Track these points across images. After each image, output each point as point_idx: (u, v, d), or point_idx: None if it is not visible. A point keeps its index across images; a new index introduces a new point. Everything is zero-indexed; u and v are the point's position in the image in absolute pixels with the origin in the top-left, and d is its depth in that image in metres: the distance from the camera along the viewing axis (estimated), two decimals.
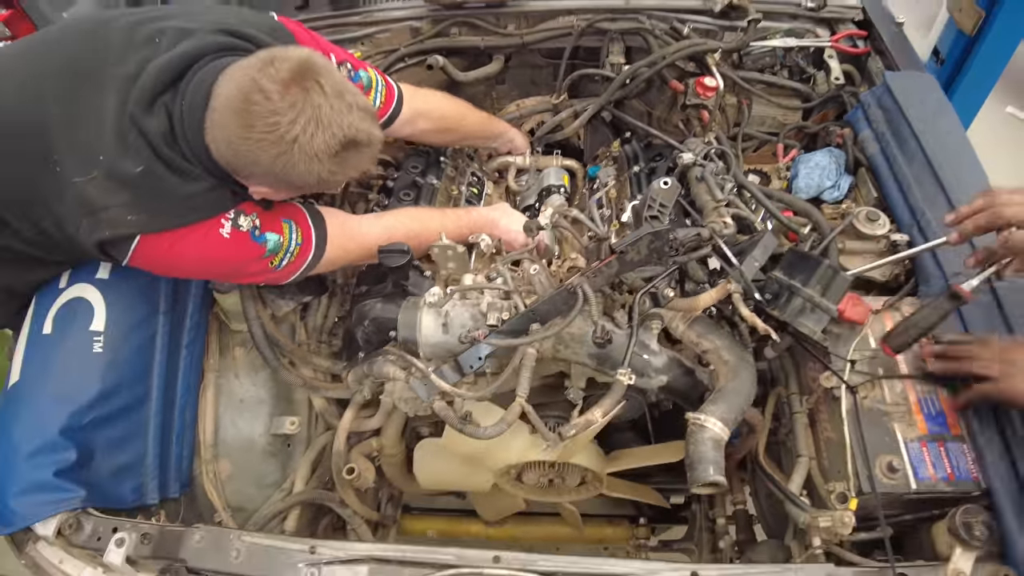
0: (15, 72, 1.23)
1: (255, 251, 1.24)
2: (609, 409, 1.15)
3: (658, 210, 1.20)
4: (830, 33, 1.74)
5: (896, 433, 1.18)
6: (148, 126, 1.11)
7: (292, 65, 1.07)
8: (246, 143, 1.07)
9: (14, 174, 1.19)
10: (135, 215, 1.13)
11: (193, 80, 1.14)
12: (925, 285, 1.33)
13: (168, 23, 1.21)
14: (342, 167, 1.14)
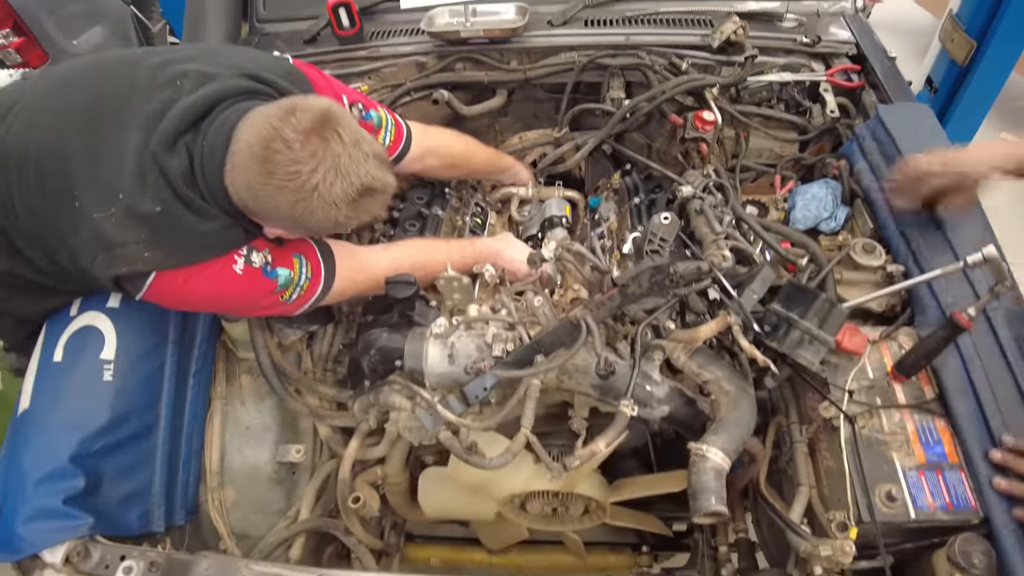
0: (42, 107, 1.26)
1: (267, 286, 1.27)
2: (612, 440, 1.17)
3: (659, 244, 1.23)
4: (825, 67, 1.79)
5: (895, 462, 1.20)
6: (169, 165, 1.14)
7: (313, 116, 1.10)
8: (266, 189, 1.11)
9: (33, 206, 1.21)
10: (151, 252, 1.16)
11: (215, 122, 1.17)
12: (921, 315, 1.35)
13: (190, 66, 1.25)
14: (357, 212, 1.18)
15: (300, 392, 1.59)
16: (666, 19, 1.86)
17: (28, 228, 1.24)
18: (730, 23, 1.72)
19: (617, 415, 1.18)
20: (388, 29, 1.93)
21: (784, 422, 1.40)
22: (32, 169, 1.20)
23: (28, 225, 1.24)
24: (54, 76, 1.37)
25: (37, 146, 1.21)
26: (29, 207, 1.22)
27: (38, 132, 1.22)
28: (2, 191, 1.22)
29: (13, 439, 1.33)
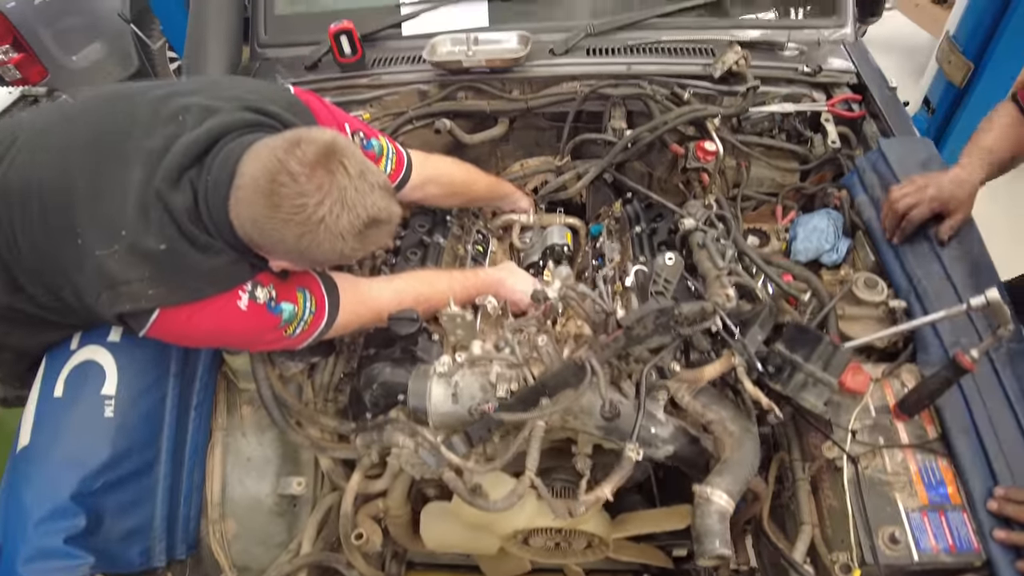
0: (44, 142, 1.26)
1: (271, 322, 1.26)
2: (618, 484, 1.18)
3: (663, 285, 1.23)
4: (826, 97, 1.79)
5: (898, 503, 1.21)
6: (174, 202, 1.13)
7: (318, 148, 1.10)
8: (272, 222, 1.10)
9: (36, 241, 1.20)
10: (155, 289, 1.15)
11: (219, 156, 1.17)
12: (924, 353, 1.36)
13: (192, 100, 1.24)
14: (364, 244, 1.17)
15: (301, 424, 1.58)
16: (668, 48, 1.86)
17: (31, 264, 1.23)
18: (732, 53, 1.73)
19: (622, 459, 1.18)
20: (390, 56, 1.93)
21: (787, 458, 1.40)
22: (35, 205, 1.19)
23: (31, 260, 1.23)
24: (55, 111, 1.38)
25: (39, 181, 1.20)
26: (32, 243, 1.21)
27: (40, 167, 1.22)
28: (4, 226, 1.22)
29: (13, 475, 1.32)
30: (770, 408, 1.18)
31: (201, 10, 2.00)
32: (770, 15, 1.94)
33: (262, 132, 1.22)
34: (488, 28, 1.92)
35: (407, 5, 1.95)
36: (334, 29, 1.81)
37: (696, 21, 1.92)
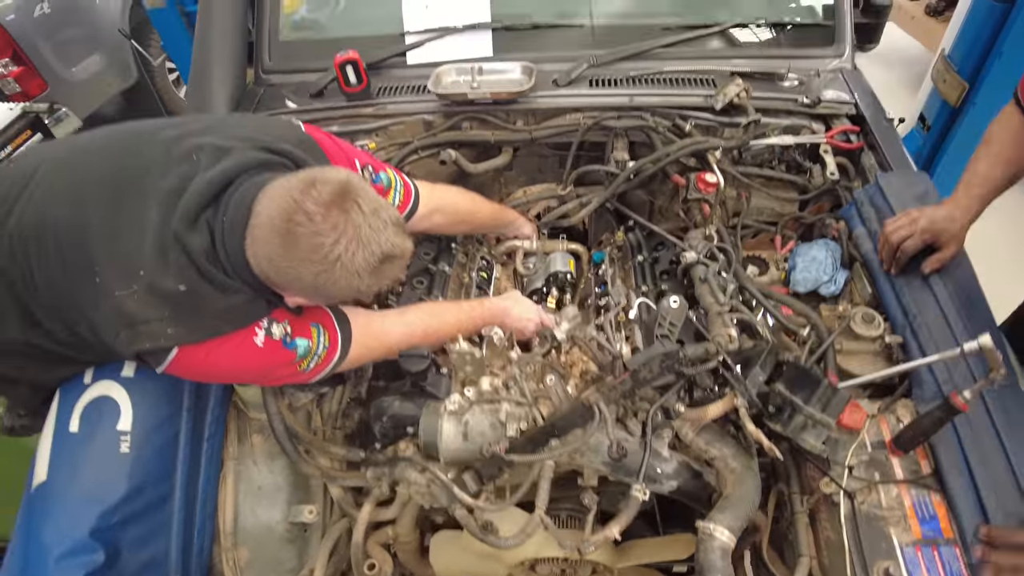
0: (60, 180, 1.28)
1: (286, 357, 1.29)
2: (625, 524, 1.21)
3: (668, 328, 1.27)
4: (825, 128, 1.83)
5: (892, 538, 1.24)
6: (191, 243, 1.15)
7: (332, 188, 1.12)
8: (289, 261, 1.13)
9: (53, 278, 1.22)
10: (174, 328, 1.17)
11: (234, 196, 1.19)
12: (919, 388, 1.40)
13: (205, 139, 1.26)
14: (379, 279, 1.20)
15: (311, 453, 1.62)
16: (670, 79, 1.88)
17: (48, 300, 1.25)
18: (733, 86, 1.76)
19: (630, 500, 1.22)
20: (395, 85, 1.95)
21: (785, 490, 1.44)
22: (51, 242, 1.21)
23: (48, 297, 1.25)
24: (69, 148, 1.38)
25: (55, 219, 1.22)
26: (48, 279, 1.23)
27: (56, 206, 1.23)
28: (21, 263, 1.24)
29: (31, 512, 1.35)
30: (771, 451, 1.22)
31: (205, 35, 2.01)
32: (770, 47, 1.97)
33: (275, 171, 1.24)
34: (492, 58, 1.94)
35: (412, 34, 1.97)
36: (340, 59, 1.83)
37: (697, 51, 1.95)
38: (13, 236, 1.24)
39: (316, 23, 2.23)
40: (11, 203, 1.27)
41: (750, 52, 1.97)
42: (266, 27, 2.09)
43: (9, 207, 1.26)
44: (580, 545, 1.20)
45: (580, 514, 1.55)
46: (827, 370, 1.44)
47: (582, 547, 1.20)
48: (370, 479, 1.49)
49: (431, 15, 1.95)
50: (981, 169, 1.52)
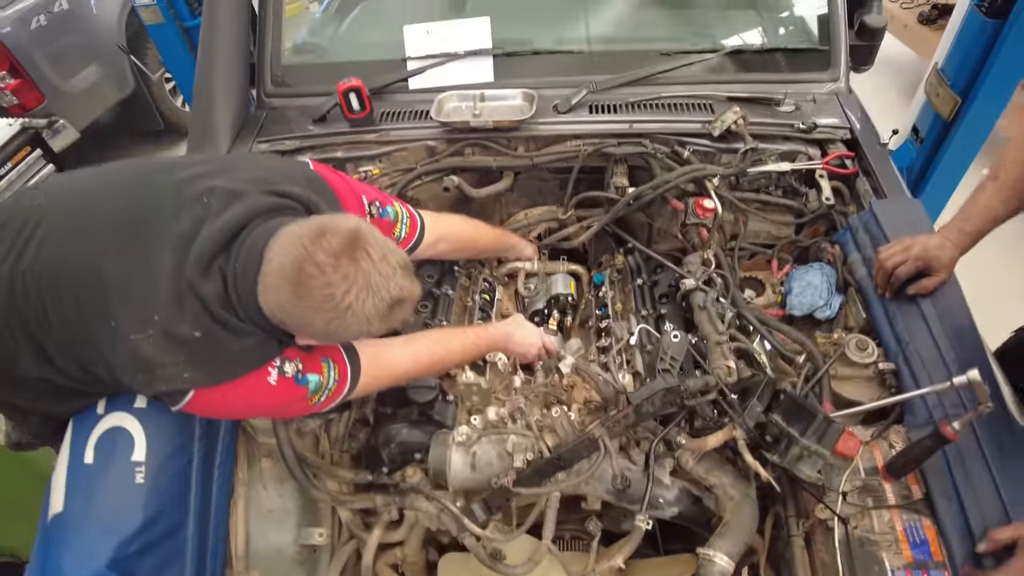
0: (71, 223, 1.29)
1: (299, 393, 1.32)
2: (630, 552, 1.26)
3: (669, 363, 1.31)
4: (821, 153, 1.86)
5: (884, 562, 1.29)
6: (205, 291, 1.18)
7: (342, 238, 1.15)
8: (300, 309, 1.16)
9: (67, 320, 1.25)
10: (191, 373, 1.20)
11: (246, 242, 1.21)
12: (910, 415, 1.44)
13: (216, 182, 1.29)
14: (388, 323, 1.23)
15: (319, 477, 1.65)
16: (668, 104, 1.92)
17: (62, 339, 1.27)
18: (731, 113, 1.79)
19: (634, 530, 1.27)
20: (397, 110, 1.97)
21: (782, 513, 1.49)
22: (66, 285, 1.24)
23: (62, 336, 1.27)
24: (81, 188, 1.40)
25: (69, 264, 1.24)
26: (63, 320, 1.25)
27: (71, 249, 1.26)
28: (35, 302, 1.26)
29: (49, 542, 1.38)
30: (768, 481, 1.27)
31: (208, 60, 2.03)
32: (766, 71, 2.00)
33: (285, 215, 1.27)
34: (493, 84, 1.97)
35: (413, 60, 2.00)
36: (343, 87, 1.85)
37: (695, 76, 1.98)
38: (27, 275, 1.26)
39: (317, 47, 2.25)
40: (24, 242, 1.28)
41: (747, 77, 2.00)
42: (267, 51, 2.10)
43: (23, 245, 1.28)
44: (587, 574, 1.24)
45: (583, 536, 1.59)
46: (822, 397, 1.49)
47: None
48: (380, 506, 1.53)
49: (432, 41, 1.97)
50: (981, 201, 1.55)
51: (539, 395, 1.59)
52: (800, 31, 2.18)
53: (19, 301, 1.27)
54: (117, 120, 4.17)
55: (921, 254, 1.53)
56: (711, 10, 2.30)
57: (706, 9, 2.31)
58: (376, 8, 2.39)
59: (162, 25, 2.87)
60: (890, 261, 1.55)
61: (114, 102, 4.04)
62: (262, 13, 2.10)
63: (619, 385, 1.29)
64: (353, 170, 1.94)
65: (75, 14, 3.74)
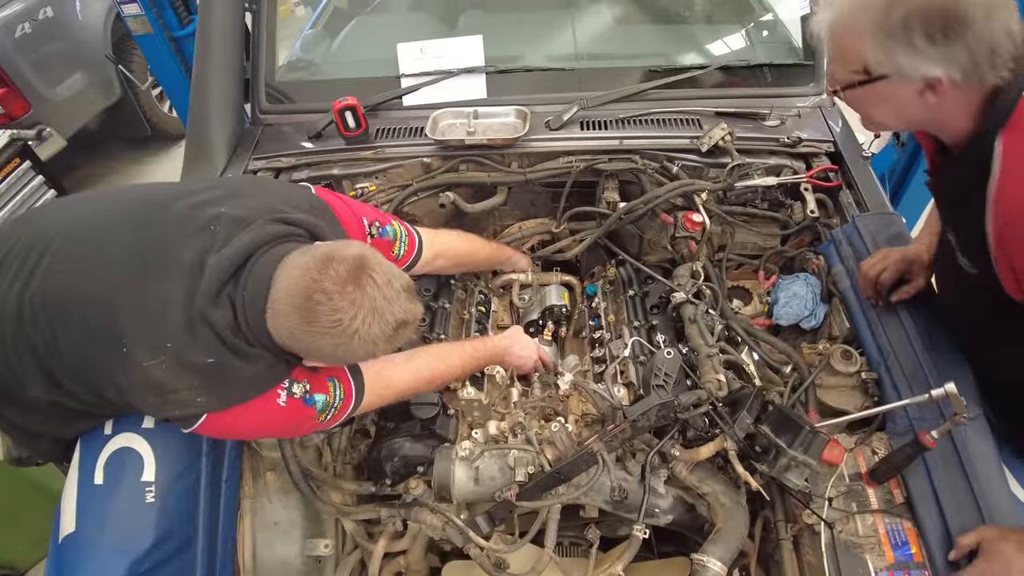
0: (79, 253, 1.31)
1: (307, 413, 1.36)
2: (628, 560, 1.33)
3: (663, 379, 1.37)
4: (806, 167, 1.92)
5: (868, 564, 1.36)
6: (216, 319, 1.21)
7: (348, 266, 1.19)
8: (310, 335, 1.19)
9: (78, 347, 1.27)
10: (204, 397, 1.24)
11: (253, 270, 1.25)
12: (892, 423, 1.51)
13: (221, 209, 1.32)
14: (393, 345, 1.27)
15: (323, 489, 1.69)
16: (657, 120, 1.97)
17: (72, 365, 1.30)
18: (718, 129, 1.85)
19: (631, 539, 1.33)
20: (392, 127, 2.01)
21: (771, 517, 1.56)
22: (76, 313, 1.26)
23: (72, 363, 1.29)
24: (87, 215, 1.42)
25: (74, 292, 1.27)
26: (73, 347, 1.27)
27: (76, 279, 1.28)
28: (44, 329, 1.28)
29: (62, 562, 1.40)
30: (758, 491, 1.33)
31: (203, 78, 2.05)
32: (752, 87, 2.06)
33: (291, 242, 1.31)
34: (486, 101, 2.01)
35: (407, 77, 2.03)
36: (339, 106, 1.88)
37: (683, 92, 2.03)
38: (35, 303, 1.28)
39: (311, 64, 2.27)
40: (30, 270, 1.31)
41: (734, 92, 2.06)
42: (262, 67, 2.12)
43: (29, 273, 1.30)
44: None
45: (581, 542, 1.65)
46: (808, 406, 1.56)
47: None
48: (384, 517, 1.58)
49: (426, 59, 2.01)
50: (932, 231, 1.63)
51: (537, 408, 1.64)
52: (785, 47, 2.24)
53: (28, 328, 1.29)
54: (104, 127, 4.15)
55: (901, 258, 1.60)
56: (698, 27, 2.36)
57: (693, 26, 2.37)
58: (368, 25, 2.42)
59: (150, 35, 2.87)
60: (873, 270, 1.62)
61: (100, 109, 4.02)
62: (255, 30, 2.12)
63: (615, 401, 1.35)
64: (350, 187, 1.97)
65: (60, 21, 3.72)
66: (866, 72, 1.15)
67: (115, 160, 4.51)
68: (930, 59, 1.08)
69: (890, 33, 1.09)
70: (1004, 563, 1.22)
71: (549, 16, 2.33)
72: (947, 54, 1.07)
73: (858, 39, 1.13)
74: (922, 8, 1.06)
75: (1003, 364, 1.47)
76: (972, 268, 1.30)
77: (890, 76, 1.13)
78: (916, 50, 1.08)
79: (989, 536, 1.26)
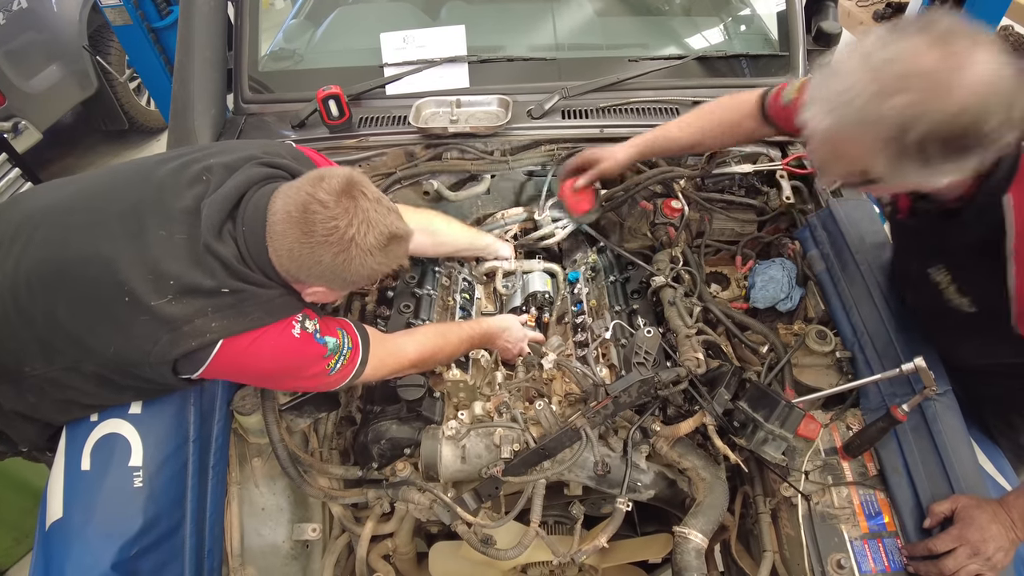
0: (75, 222, 1.33)
1: (319, 351, 1.38)
2: (612, 532, 1.36)
3: (644, 357, 1.40)
4: (781, 155, 1.97)
5: (843, 533, 1.42)
6: (222, 252, 1.25)
7: (340, 180, 1.25)
8: (308, 247, 1.23)
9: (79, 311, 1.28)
10: (219, 321, 1.25)
11: (249, 206, 1.30)
12: (865, 399, 1.57)
13: (211, 161, 1.37)
14: (388, 259, 1.31)
15: (310, 474, 1.71)
16: (637, 109, 2.01)
17: (73, 331, 1.29)
18: None
19: (615, 512, 1.36)
20: (375, 115, 2.02)
21: (750, 492, 1.60)
22: (74, 276, 1.27)
23: (73, 329, 1.29)
24: (72, 191, 1.43)
25: (71, 256, 1.28)
26: (73, 313, 1.28)
27: (72, 244, 1.29)
28: (41, 302, 1.29)
29: (49, 548, 1.41)
30: (737, 463, 1.38)
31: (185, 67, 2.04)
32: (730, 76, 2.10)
33: (278, 181, 1.36)
34: (469, 90, 2.03)
35: (391, 66, 2.04)
36: (323, 94, 1.89)
37: (662, 82, 2.07)
38: (31, 275, 1.30)
39: (294, 54, 2.27)
40: (22, 246, 1.33)
41: (711, 82, 2.10)
42: (244, 57, 2.13)
43: (21, 250, 1.32)
44: (573, 555, 1.34)
45: (566, 520, 1.69)
46: (785, 384, 1.61)
47: (575, 556, 1.34)
48: (372, 499, 1.60)
49: (409, 48, 2.02)
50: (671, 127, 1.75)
51: (521, 389, 1.67)
52: (761, 38, 2.29)
53: (24, 302, 1.31)
54: (81, 120, 4.10)
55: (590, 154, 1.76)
56: (676, 19, 2.40)
57: (671, 18, 2.41)
58: (351, 15, 2.43)
59: (129, 26, 2.84)
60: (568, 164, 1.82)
61: (77, 102, 3.96)
62: (238, 20, 2.12)
63: (598, 378, 1.38)
64: None
65: (35, 12, 3.66)
66: (864, 174, 1.09)
67: (93, 153, 4.45)
68: (941, 173, 1.03)
69: (902, 153, 1.01)
70: (979, 530, 1.27)
71: (530, 7, 2.36)
72: (959, 167, 1.02)
73: (863, 151, 1.05)
74: (942, 130, 0.96)
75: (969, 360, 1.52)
76: (970, 308, 1.32)
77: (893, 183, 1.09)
78: (928, 168, 1.02)
79: (964, 504, 1.31)
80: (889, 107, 0.98)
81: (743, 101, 1.68)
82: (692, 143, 1.73)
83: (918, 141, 0.98)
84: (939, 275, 1.36)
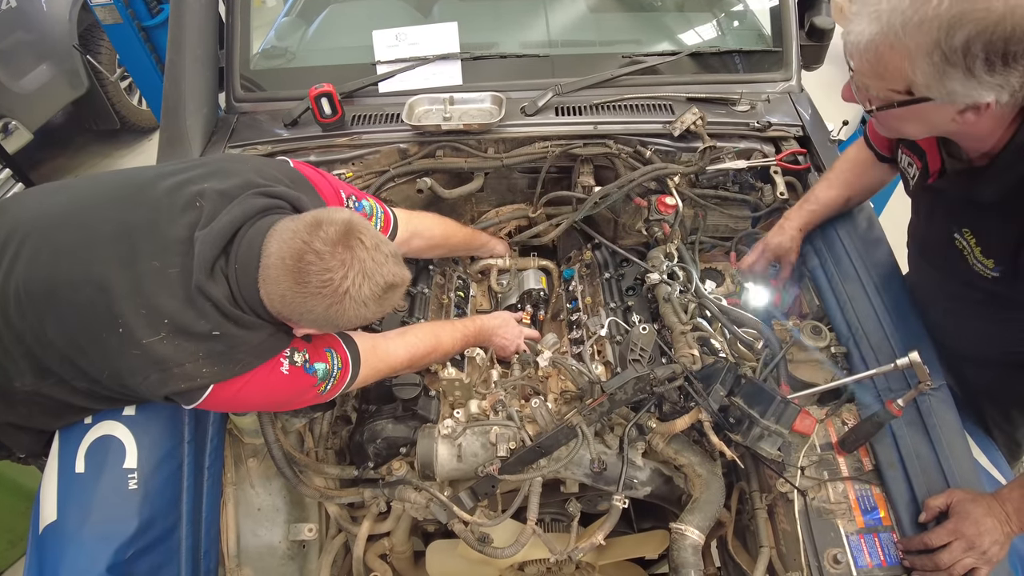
0: (64, 241, 1.30)
1: (309, 381, 1.38)
2: (608, 529, 1.36)
3: (639, 353, 1.40)
4: (775, 151, 1.98)
5: (840, 528, 1.42)
6: (213, 292, 1.23)
7: (338, 228, 1.22)
8: (302, 296, 1.21)
9: (69, 333, 1.26)
10: (209, 368, 1.24)
11: (242, 243, 1.26)
12: (860, 394, 1.56)
13: (205, 185, 1.33)
14: (383, 307, 1.30)
15: (306, 474, 1.70)
16: (630, 105, 2.00)
17: (64, 352, 1.28)
18: (690, 114, 1.89)
19: (611, 509, 1.36)
20: (368, 113, 2.01)
21: (746, 488, 1.61)
22: (64, 301, 1.25)
23: (64, 349, 1.28)
24: (64, 202, 1.40)
25: (61, 278, 1.26)
26: (63, 334, 1.27)
27: (63, 266, 1.27)
28: (31, 319, 1.27)
29: (44, 551, 1.40)
30: (733, 459, 1.38)
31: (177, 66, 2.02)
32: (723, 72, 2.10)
33: (274, 215, 1.33)
34: (462, 87, 2.02)
35: (383, 64, 2.03)
36: (315, 92, 1.88)
37: (656, 78, 2.06)
38: (20, 291, 1.28)
39: (286, 52, 2.26)
40: (11, 259, 1.30)
41: (705, 78, 2.10)
42: (236, 55, 2.11)
43: (10, 263, 1.30)
44: (570, 552, 1.34)
45: (563, 518, 1.69)
46: (780, 380, 1.61)
47: (572, 554, 1.34)
48: (368, 499, 1.60)
49: (402, 46, 2.01)
50: (817, 190, 1.76)
51: (517, 387, 1.67)
52: (754, 34, 2.28)
53: (14, 318, 1.29)
54: (72, 120, 4.07)
55: (765, 247, 1.79)
56: (670, 15, 2.40)
57: (665, 14, 2.41)
58: (343, 13, 2.41)
59: (120, 25, 2.82)
60: (745, 263, 1.81)
61: (68, 102, 3.93)
62: (230, 19, 2.11)
63: (593, 376, 1.38)
64: None
65: (24, 11, 3.62)
66: (908, 92, 1.07)
67: (84, 153, 4.42)
68: (986, 86, 1.01)
69: (947, 57, 0.99)
70: (974, 524, 1.28)
71: (523, 3, 2.35)
72: (1004, 81, 1.00)
73: (906, 59, 1.04)
74: (987, 31, 0.96)
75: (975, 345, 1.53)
76: (994, 271, 1.30)
77: (936, 99, 1.06)
78: (973, 78, 1.00)
79: (960, 498, 1.32)
80: (934, 7, 0.98)
81: (855, 156, 1.72)
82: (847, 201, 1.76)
83: (964, 44, 0.97)
84: (964, 240, 1.35)
